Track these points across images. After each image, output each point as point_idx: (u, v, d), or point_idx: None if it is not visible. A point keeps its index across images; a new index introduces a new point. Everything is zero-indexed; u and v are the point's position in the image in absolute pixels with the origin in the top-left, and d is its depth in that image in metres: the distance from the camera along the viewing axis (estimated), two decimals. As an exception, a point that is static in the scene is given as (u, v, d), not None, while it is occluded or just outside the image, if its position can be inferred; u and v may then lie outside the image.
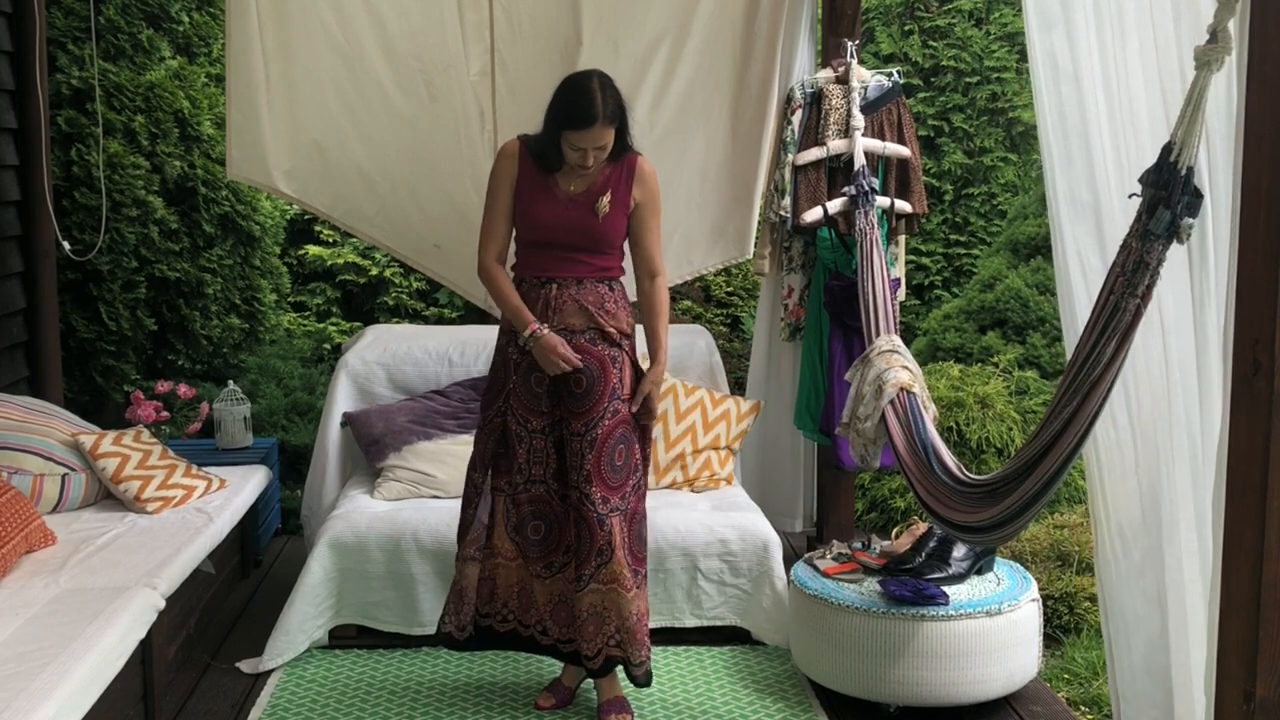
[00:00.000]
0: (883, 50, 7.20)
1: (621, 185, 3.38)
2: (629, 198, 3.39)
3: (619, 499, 3.38)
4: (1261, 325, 1.95)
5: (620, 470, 3.39)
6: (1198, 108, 2.17)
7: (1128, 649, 2.71)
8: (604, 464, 3.35)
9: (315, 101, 4.38)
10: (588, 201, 3.36)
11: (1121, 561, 2.70)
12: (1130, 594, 2.69)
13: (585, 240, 3.36)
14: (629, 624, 3.39)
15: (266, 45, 4.28)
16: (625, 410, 3.40)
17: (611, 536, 3.34)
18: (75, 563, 3.52)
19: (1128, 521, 2.69)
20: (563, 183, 3.37)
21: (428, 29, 4.35)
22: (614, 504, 3.37)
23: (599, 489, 3.34)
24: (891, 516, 5.22)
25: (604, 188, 3.36)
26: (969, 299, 6.19)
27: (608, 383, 3.36)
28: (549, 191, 3.37)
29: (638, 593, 3.40)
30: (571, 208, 3.35)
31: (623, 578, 3.36)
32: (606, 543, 3.34)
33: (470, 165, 4.47)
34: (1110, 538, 2.72)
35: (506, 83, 4.44)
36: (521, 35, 4.40)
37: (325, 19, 4.31)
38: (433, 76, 4.40)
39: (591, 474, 3.34)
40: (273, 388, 5.98)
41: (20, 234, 4.82)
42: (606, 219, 3.36)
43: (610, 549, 3.35)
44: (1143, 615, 2.66)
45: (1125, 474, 2.68)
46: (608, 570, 3.36)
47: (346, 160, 4.46)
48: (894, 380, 3.49)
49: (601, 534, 3.34)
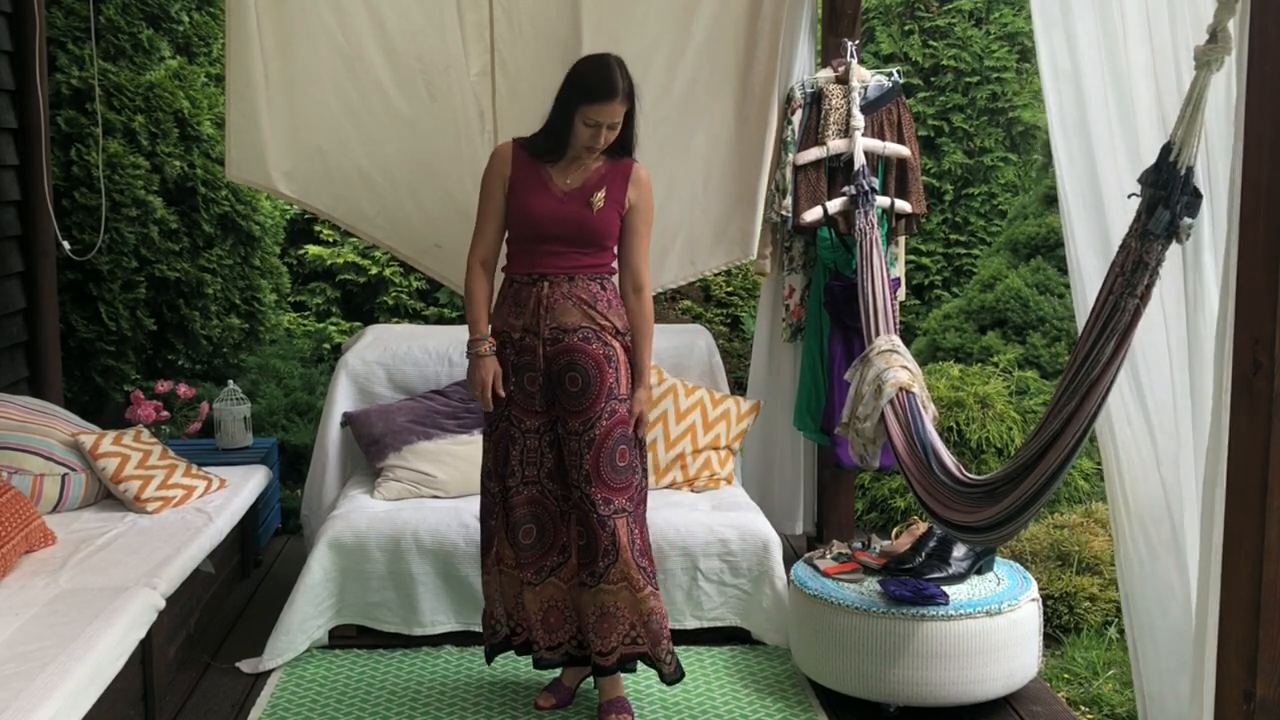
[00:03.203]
0: (883, 50, 7.20)
1: (617, 184, 3.38)
2: (624, 197, 3.39)
3: (624, 500, 3.36)
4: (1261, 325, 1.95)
5: (623, 471, 3.37)
6: (1197, 107, 2.17)
7: (1153, 646, 2.70)
8: (604, 464, 3.34)
9: (315, 102, 4.37)
10: (582, 196, 3.36)
11: (1145, 559, 2.69)
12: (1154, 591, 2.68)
13: (579, 234, 3.36)
14: (651, 625, 3.38)
15: (266, 45, 4.27)
16: (624, 410, 3.39)
17: (616, 537, 3.33)
18: (75, 563, 3.52)
19: (1151, 519, 2.68)
20: (558, 178, 3.37)
21: (428, 29, 4.35)
22: (618, 505, 3.35)
23: (599, 490, 3.33)
24: (891, 516, 5.22)
25: (599, 184, 3.37)
26: (969, 299, 6.19)
27: (604, 382, 3.36)
28: (544, 186, 3.37)
29: (652, 591, 3.39)
30: (566, 202, 3.35)
31: (632, 578, 3.35)
32: (611, 543, 3.33)
33: (470, 165, 4.46)
34: (1131, 536, 2.71)
35: (507, 83, 4.44)
36: (522, 35, 4.40)
37: (325, 19, 4.30)
38: (433, 77, 4.40)
39: (591, 474, 3.33)
40: (273, 388, 5.98)
41: (20, 234, 4.82)
42: (600, 213, 3.36)
43: (615, 549, 3.34)
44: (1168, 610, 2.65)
45: (1147, 471, 2.67)
46: (616, 569, 3.35)
47: (347, 160, 4.46)
48: (893, 380, 3.49)
49: (604, 534, 3.33)
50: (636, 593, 3.36)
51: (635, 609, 3.38)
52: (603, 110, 3.24)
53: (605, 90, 3.22)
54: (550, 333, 3.36)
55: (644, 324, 3.46)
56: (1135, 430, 2.67)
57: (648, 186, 3.44)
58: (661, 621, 3.41)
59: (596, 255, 3.41)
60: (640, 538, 3.40)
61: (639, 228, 3.44)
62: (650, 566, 3.42)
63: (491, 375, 3.36)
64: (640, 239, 3.45)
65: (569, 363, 3.35)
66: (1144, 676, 2.74)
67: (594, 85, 3.23)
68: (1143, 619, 2.71)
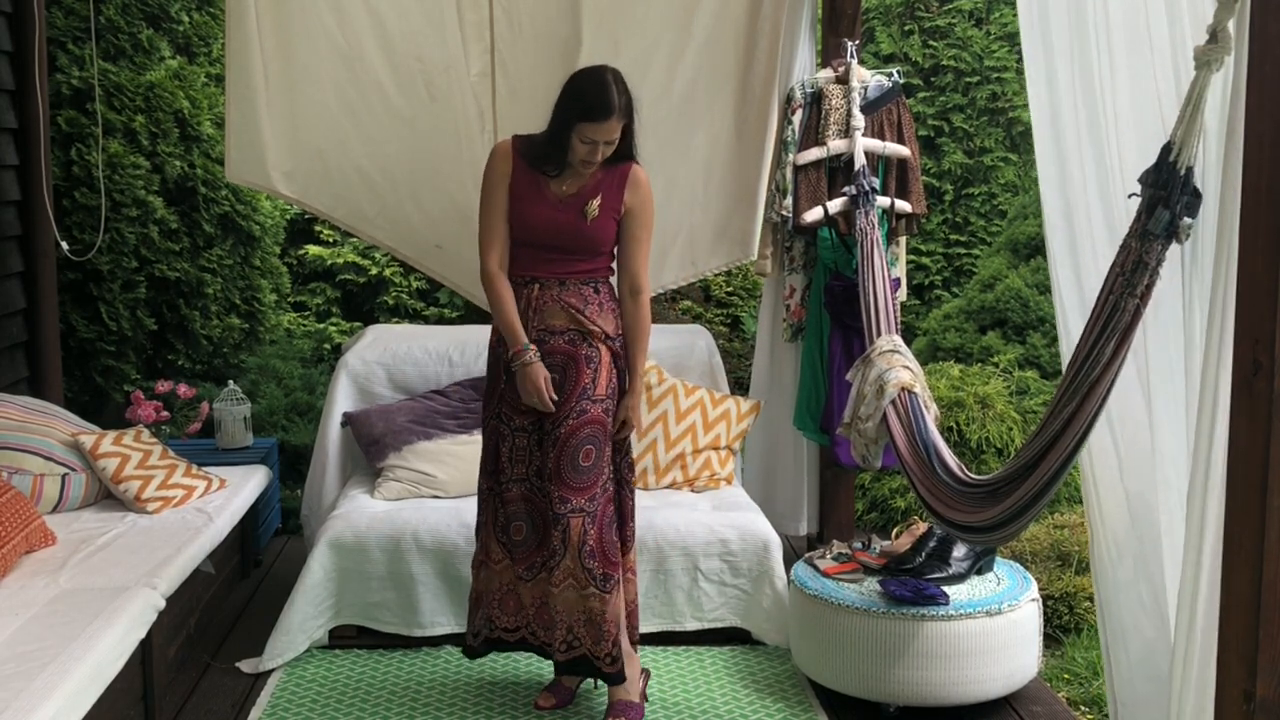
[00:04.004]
0: (883, 50, 7.20)
1: (613, 191, 3.36)
2: (619, 203, 3.36)
3: (584, 499, 3.32)
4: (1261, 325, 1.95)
5: (586, 471, 3.33)
6: (1197, 108, 2.17)
7: (1125, 654, 2.71)
8: (565, 463, 3.32)
9: (315, 102, 4.37)
10: (577, 204, 3.34)
11: (1116, 568, 2.70)
12: (1125, 600, 2.69)
13: (573, 243, 3.35)
14: (592, 623, 3.33)
15: (265, 46, 4.27)
16: (596, 411, 3.35)
17: (567, 535, 3.30)
18: (75, 563, 3.52)
19: (1120, 529, 2.69)
20: (554, 184, 3.36)
21: (427, 29, 4.35)
22: (575, 504, 3.31)
23: (557, 487, 3.31)
24: (891, 516, 5.22)
25: (594, 191, 3.35)
26: (969, 299, 6.19)
27: (578, 381, 3.34)
28: (540, 192, 3.35)
29: (595, 591, 3.31)
30: (561, 210, 3.34)
31: (578, 575, 3.31)
32: (561, 541, 3.31)
33: (471, 165, 4.46)
34: (1105, 545, 2.72)
35: (507, 83, 4.44)
36: (522, 35, 4.39)
37: (325, 19, 4.30)
38: (433, 77, 4.40)
39: (552, 472, 3.32)
40: (273, 388, 5.98)
41: (20, 234, 4.82)
42: (595, 222, 3.34)
43: (565, 547, 3.31)
44: (1139, 622, 2.66)
45: (1113, 482, 2.68)
46: (562, 568, 3.32)
47: (347, 161, 4.46)
48: (895, 380, 3.49)
49: (556, 533, 3.31)
50: (581, 590, 3.33)
51: (579, 607, 3.34)
52: (599, 129, 3.21)
53: (602, 109, 3.19)
54: (537, 334, 3.36)
55: (640, 329, 3.43)
56: (1102, 440, 2.67)
57: (646, 189, 3.40)
58: (603, 622, 3.33)
59: (591, 261, 3.39)
60: (595, 538, 3.33)
61: (637, 232, 3.40)
62: (601, 568, 3.33)
63: (542, 379, 3.32)
64: (638, 243, 3.41)
65: (551, 364, 3.36)
66: (1116, 683, 2.75)
67: (590, 104, 3.20)
68: (1115, 626, 2.72)
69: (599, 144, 3.24)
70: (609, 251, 3.43)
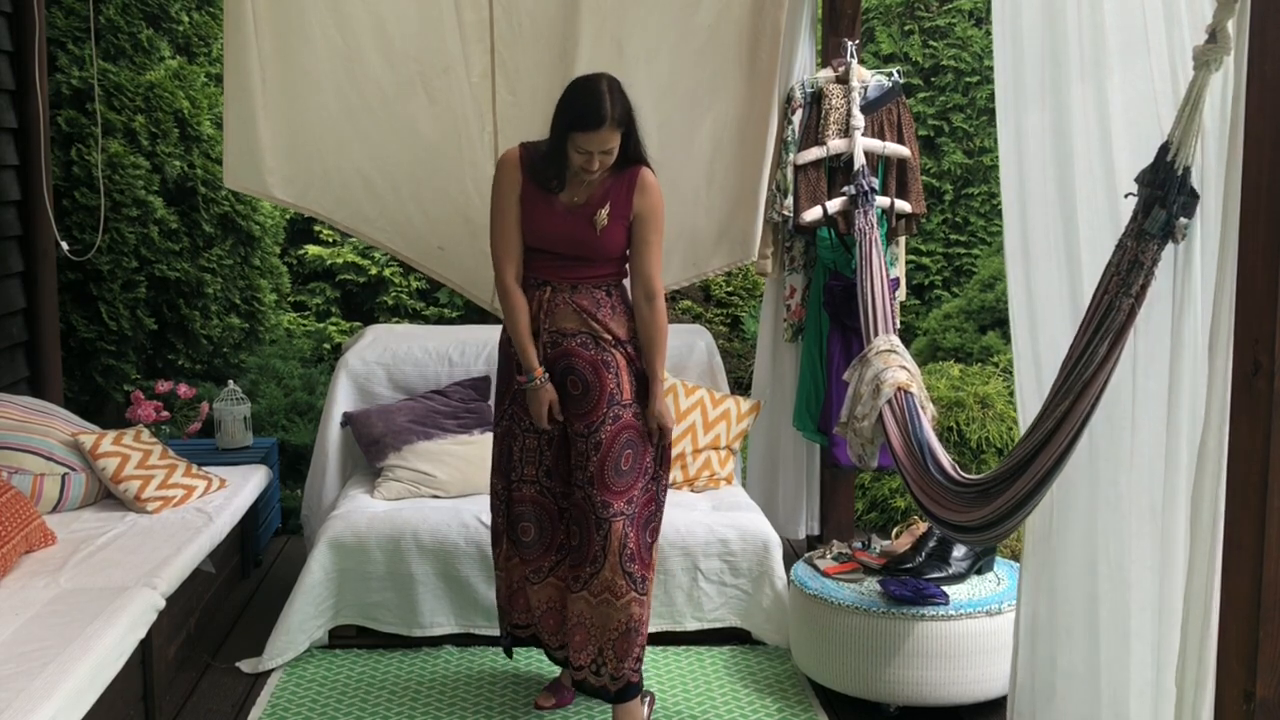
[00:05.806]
0: (883, 50, 7.20)
1: (621, 196, 3.31)
2: (629, 208, 3.32)
3: (623, 503, 3.33)
4: (1261, 325, 1.94)
5: (625, 475, 3.34)
6: (1195, 107, 2.16)
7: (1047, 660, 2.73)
8: (609, 468, 3.31)
9: (315, 105, 4.36)
10: (587, 213, 3.30)
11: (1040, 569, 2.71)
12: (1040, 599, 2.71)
13: (583, 251, 3.32)
14: (627, 636, 3.33)
15: (263, 49, 4.25)
16: (629, 415, 3.34)
17: (609, 541, 3.30)
18: (75, 562, 3.52)
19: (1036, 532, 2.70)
20: (562, 194, 3.32)
21: (426, 30, 4.34)
22: (617, 508, 3.32)
23: (601, 492, 3.31)
24: (891, 516, 5.22)
25: (603, 200, 3.31)
26: (969, 299, 6.19)
27: (604, 387, 3.33)
28: (548, 201, 3.32)
29: (635, 597, 3.32)
30: (570, 219, 3.31)
31: (616, 585, 3.31)
32: (602, 549, 3.31)
33: (471, 167, 4.46)
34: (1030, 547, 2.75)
35: (507, 84, 4.43)
36: (522, 36, 4.38)
37: (323, 21, 4.28)
38: (432, 78, 4.39)
39: (595, 478, 3.31)
40: (273, 388, 5.98)
41: (20, 234, 4.82)
42: (605, 231, 3.30)
43: (604, 555, 3.31)
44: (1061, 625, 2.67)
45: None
46: (600, 580, 3.32)
47: (347, 164, 4.45)
48: (891, 380, 3.49)
49: (598, 538, 3.31)
50: (617, 599, 3.32)
51: (612, 621, 3.33)
52: (592, 138, 3.17)
53: (593, 119, 3.15)
54: (549, 336, 3.35)
55: (656, 333, 3.36)
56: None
57: (656, 192, 3.35)
58: (640, 626, 3.34)
59: (602, 267, 3.36)
60: (635, 541, 3.34)
61: (648, 236, 3.35)
62: (640, 570, 3.35)
63: (547, 404, 3.33)
64: (650, 247, 3.35)
65: (567, 366, 3.35)
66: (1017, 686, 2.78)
67: (581, 114, 3.16)
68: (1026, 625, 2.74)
69: (594, 154, 3.20)
70: (620, 257, 3.39)
